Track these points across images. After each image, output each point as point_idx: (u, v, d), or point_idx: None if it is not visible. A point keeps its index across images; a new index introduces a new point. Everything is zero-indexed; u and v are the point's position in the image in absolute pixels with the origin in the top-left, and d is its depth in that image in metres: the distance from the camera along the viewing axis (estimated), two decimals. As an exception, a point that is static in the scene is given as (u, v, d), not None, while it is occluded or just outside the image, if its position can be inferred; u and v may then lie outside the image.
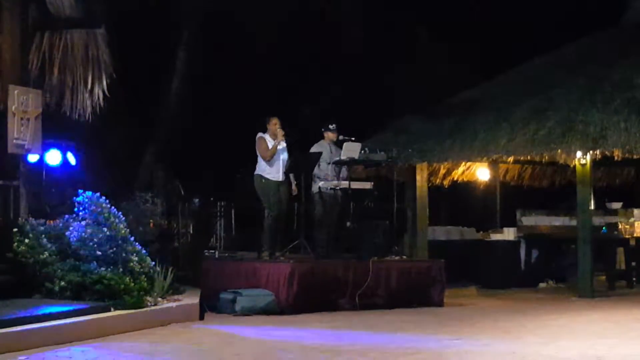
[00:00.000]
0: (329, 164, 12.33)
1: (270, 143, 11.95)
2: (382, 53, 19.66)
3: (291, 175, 12.15)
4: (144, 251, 10.47)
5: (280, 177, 11.96)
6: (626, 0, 16.11)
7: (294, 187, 12.20)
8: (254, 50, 18.80)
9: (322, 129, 12.59)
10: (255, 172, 12.04)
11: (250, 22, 18.47)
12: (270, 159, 11.92)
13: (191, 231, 14.33)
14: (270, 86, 18.03)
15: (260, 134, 12.05)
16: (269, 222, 11.94)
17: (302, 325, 9.80)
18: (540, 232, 15.47)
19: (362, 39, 19.65)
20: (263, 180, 11.94)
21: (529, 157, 14.00)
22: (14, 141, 10.10)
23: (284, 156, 12.04)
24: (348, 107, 17.09)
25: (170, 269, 10.43)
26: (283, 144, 12.06)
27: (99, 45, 11.41)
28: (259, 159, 12.01)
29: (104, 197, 10.34)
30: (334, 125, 12.52)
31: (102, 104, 11.45)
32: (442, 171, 15.91)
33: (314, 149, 12.44)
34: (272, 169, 11.94)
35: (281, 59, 18.81)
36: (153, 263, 10.41)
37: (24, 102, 10.22)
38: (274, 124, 12.00)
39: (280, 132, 11.93)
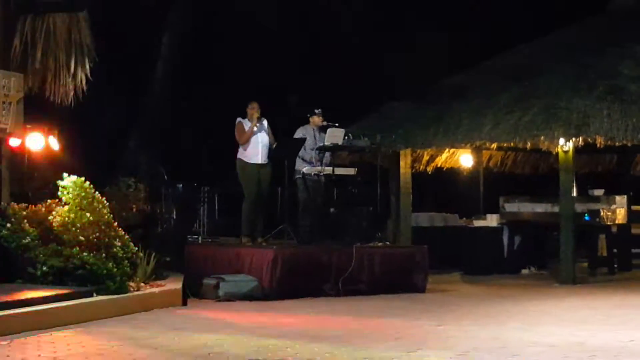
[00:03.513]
0: (313, 149, 12.32)
1: (247, 127, 12.00)
2: (368, 39, 19.63)
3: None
4: (127, 236, 10.45)
5: (259, 160, 12.02)
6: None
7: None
8: (241, 35, 18.75)
9: (308, 114, 12.60)
10: (237, 156, 12.14)
11: (236, 5, 18.42)
12: (245, 142, 11.99)
13: (175, 216, 14.30)
14: (257, 72, 17.99)
15: (239, 119, 12.14)
16: (246, 206, 12.04)
17: (285, 311, 9.82)
18: (523, 218, 15.49)
19: (350, 25, 19.62)
20: (242, 164, 12.03)
21: (512, 144, 13.98)
22: (-4, 125, 10.06)
23: (264, 140, 12.06)
24: (333, 94, 17.06)
25: (153, 255, 10.42)
26: (264, 127, 12.07)
27: (82, 29, 11.34)
28: None
29: (87, 182, 10.30)
30: (319, 110, 12.54)
31: (84, 88, 11.40)
32: (426, 157, 15.91)
33: (297, 134, 12.45)
34: (250, 152, 12.03)
35: (269, 45, 18.75)
36: (136, 248, 10.39)
37: (5, 85, 10.16)
38: (252, 108, 12.11)
39: (255, 117, 11.99)
